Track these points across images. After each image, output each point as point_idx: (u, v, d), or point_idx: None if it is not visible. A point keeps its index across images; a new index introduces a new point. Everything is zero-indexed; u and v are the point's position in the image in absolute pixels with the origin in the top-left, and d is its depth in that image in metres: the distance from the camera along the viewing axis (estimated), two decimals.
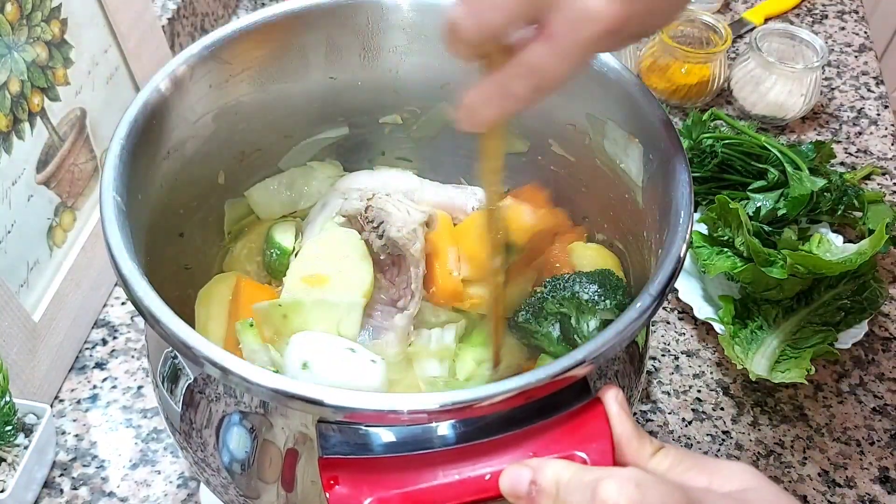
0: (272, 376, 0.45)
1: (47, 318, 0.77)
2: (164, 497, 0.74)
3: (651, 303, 0.49)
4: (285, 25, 0.65)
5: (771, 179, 0.94)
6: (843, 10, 1.33)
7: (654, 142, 0.59)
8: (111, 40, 0.86)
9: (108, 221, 0.51)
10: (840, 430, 0.82)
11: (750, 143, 0.97)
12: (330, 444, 0.47)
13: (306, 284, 0.64)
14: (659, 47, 1.11)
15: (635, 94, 0.61)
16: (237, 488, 0.56)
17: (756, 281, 0.85)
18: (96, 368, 0.83)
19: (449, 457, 0.47)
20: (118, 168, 0.54)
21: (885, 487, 0.78)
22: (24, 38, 0.74)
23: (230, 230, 0.73)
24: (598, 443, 0.47)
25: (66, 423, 0.79)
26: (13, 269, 0.74)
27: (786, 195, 0.92)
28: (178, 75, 0.60)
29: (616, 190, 0.66)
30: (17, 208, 0.74)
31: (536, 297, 0.65)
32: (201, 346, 0.46)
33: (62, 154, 0.79)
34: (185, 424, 0.56)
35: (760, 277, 0.84)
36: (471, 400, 0.44)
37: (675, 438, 0.80)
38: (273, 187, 0.74)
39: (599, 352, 0.47)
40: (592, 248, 0.71)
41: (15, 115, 0.73)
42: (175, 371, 0.56)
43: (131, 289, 0.48)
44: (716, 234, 0.89)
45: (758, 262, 0.84)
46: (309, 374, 0.57)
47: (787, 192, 0.92)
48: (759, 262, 0.84)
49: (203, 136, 0.65)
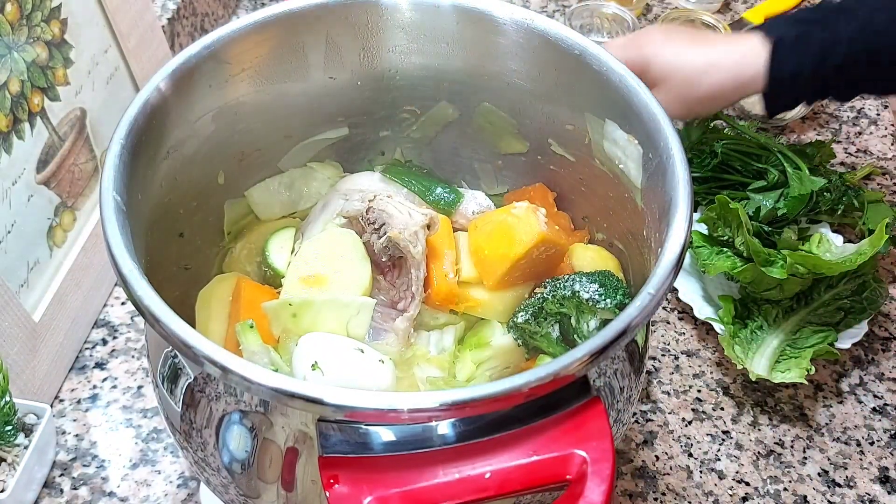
0: (272, 375, 0.45)
1: (47, 318, 0.77)
2: (164, 497, 0.74)
3: (650, 301, 0.49)
4: (285, 25, 0.65)
5: (771, 179, 0.94)
6: None
7: (654, 142, 0.59)
8: (111, 40, 0.86)
9: (109, 221, 0.51)
10: (840, 430, 0.82)
11: (750, 142, 0.97)
12: (330, 442, 0.47)
13: (305, 284, 0.64)
14: None
15: (635, 94, 0.61)
16: (237, 488, 0.56)
17: (756, 281, 0.85)
18: (96, 368, 0.83)
19: (449, 455, 0.47)
20: (118, 168, 0.54)
21: (884, 487, 0.78)
22: (24, 38, 0.74)
23: (230, 230, 0.73)
24: (598, 441, 0.47)
25: (67, 423, 0.79)
26: (13, 270, 0.74)
27: (786, 195, 0.92)
28: (177, 75, 0.60)
29: (616, 190, 0.66)
30: (18, 208, 0.74)
31: (536, 298, 0.65)
32: (201, 345, 0.46)
33: (62, 154, 0.79)
34: (185, 424, 0.56)
35: (760, 277, 0.84)
36: (471, 399, 0.44)
37: (675, 438, 0.80)
38: (273, 188, 0.74)
39: (599, 350, 0.47)
40: (592, 249, 0.71)
41: (15, 115, 0.73)
42: (175, 371, 0.56)
43: (131, 288, 0.48)
44: (715, 234, 0.89)
45: (758, 262, 0.84)
46: (318, 375, 0.57)
47: (787, 192, 0.92)
48: (758, 261, 0.84)
49: (203, 135, 0.65)
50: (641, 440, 0.80)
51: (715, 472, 0.78)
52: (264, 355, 0.61)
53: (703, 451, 0.80)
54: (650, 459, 0.79)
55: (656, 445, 0.80)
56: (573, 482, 0.47)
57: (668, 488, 0.77)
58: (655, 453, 0.79)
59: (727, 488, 0.77)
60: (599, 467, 0.46)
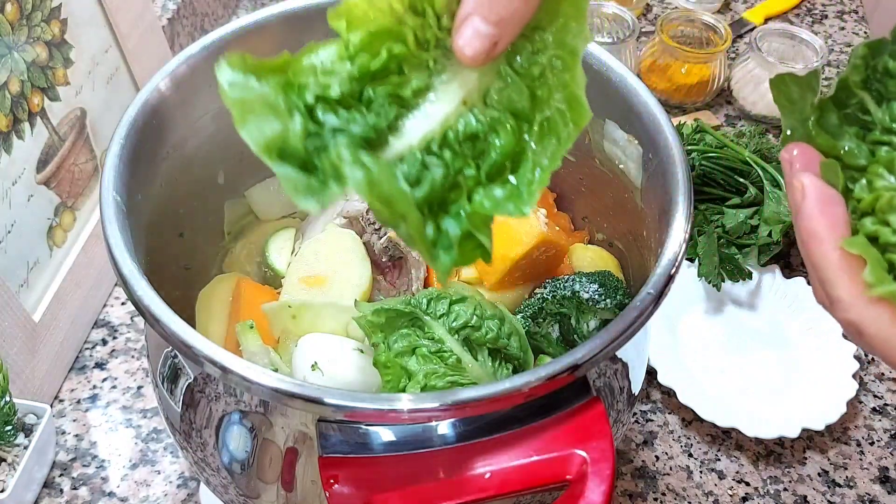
0: (272, 375, 0.45)
1: (47, 318, 0.77)
2: (163, 497, 0.74)
3: (651, 301, 0.49)
4: (285, 25, 0.65)
5: (746, 198, 0.92)
6: (843, 10, 1.33)
7: (654, 142, 0.59)
8: (111, 40, 0.86)
9: (109, 221, 0.51)
10: (840, 430, 0.82)
11: (734, 157, 0.94)
12: (330, 443, 0.47)
13: (305, 285, 0.64)
14: (659, 47, 1.11)
15: (635, 94, 0.61)
16: (237, 488, 0.56)
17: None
18: (96, 368, 0.83)
19: (449, 456, 0.47)
20: (118, 168, 0.54)
21: (885, 487, 0.78)
22: (24, 38, 0.74)
23: (230, 230, 0.73)
24: (598, 441, 0.47)
25: (66, 423, 0.79)
26: (13, 269, 0.74)
27: (760, 213, 0.90)
28: (177, 75, 0.60)
29: (615, 190, 0.66)
30: (18, 208, 0.74)
31: (536, 298, 0.65)
32: (201, 345, 0.46)
33: (62, 154, 0.79)
34: (185, 424, 0.56)
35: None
36: (471, 399, 0.44)
37: (676, 439, 0.80)
38: (273, 188, 0.74)
39: (600, 350, 0.47)
40: (592, 249, 0.70)
41: (15, 115, 0.73)
42: (175, 371, 0.56)
43: (131, 288, 0.48)
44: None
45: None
46: (318, 375, 0.57)
47: (762, 211, 0.90)
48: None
49: (203, 135, 0.65)
50: (641, 440, 0.80)
51: (715, 471, 0.78)
52: (264, 356, 0.61)
53: (702, 451, 0.80)
54: (650, 459, 0.79)
55: (656, 445, 0.80)
56: (573, 482, 0.47)
57: (668, 488, 0.77)
58: (655, 453, 0.79)
59: (727, 488, 0.77)
60: (599, 467, 0.46)
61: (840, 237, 0.40)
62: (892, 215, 0.39)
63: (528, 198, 0.41)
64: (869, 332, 0.39)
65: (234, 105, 0.38)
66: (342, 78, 0.39)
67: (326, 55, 0.40)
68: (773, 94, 0.44)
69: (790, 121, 0.44)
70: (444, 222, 0.40)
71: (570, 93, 0.41)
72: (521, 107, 0.42)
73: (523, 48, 0.42)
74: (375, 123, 0.39)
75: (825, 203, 0.40)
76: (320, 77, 0.39)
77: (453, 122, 0.41)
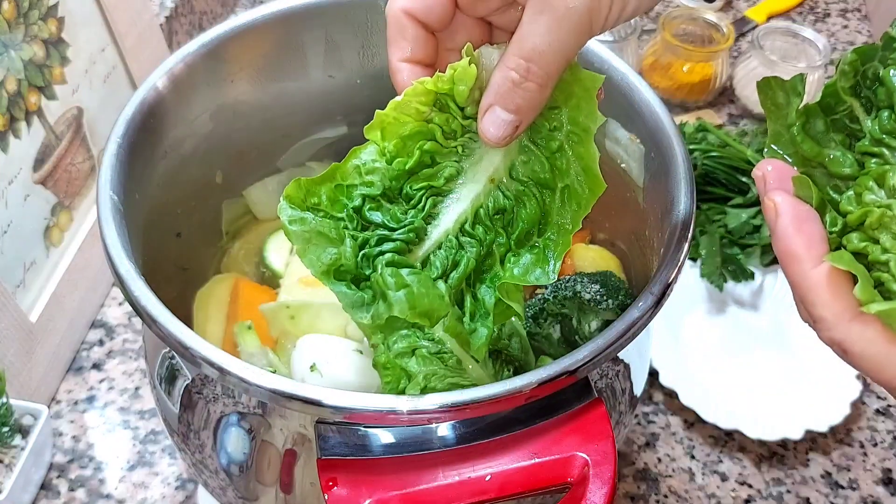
0: (270, 376, 0.45)
1: (44, 319, 0.77)
2: (161, 499, 0.74)
3: (653, 302, 0.49)
4: (284, 23, 0.65)
5: (748, 197, 0.92)
6: (846, 9, 1.32)
7: (656, 141, 0.59)
8: (109, 39, 0.86)
9: (105, 221, 0.51)
10: (843, 432, 0.81)
11: (736, 156, 0.94)
12: (329, 444, 0.47)
13: (304, 285, 0.64)
14: (661, 45, 1.11)
15: (637, 92, 0.60)
16: (235, 490, 0.56)
17: None
18: (93, 369, 0.83)
19: (449, 458, 0.46)
20: (115, 167, 0.54)
21: (888, 489, 0.78)
22: (20, 37, 0.73)
23: (228, 230, 0.73)
24: (599, 443, 0.47)
25: (63, 425, 0.78)
26: (10, 270, 0.74)
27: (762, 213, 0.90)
28: (175, 74, 0.60)
29: (617, 189, 0.66)
30: (14, 208, 0.74)
31: (537, 298, 0.65)
32: (199, 346, 0.46)
33: (59, 153, 0.79)
34: (183, 426, 0.56)
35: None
36: (471, 400, 0.44)
37: (678, 441, 0.80)
38: (271, 187, 0.73)
39: (602, 351, 0.47)
40: (594, 249, 0.70)
41: (11, 114, 0.73)
42: (172, 372, 0.55)
43: (128, 289, 0.48)
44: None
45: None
46: (317, 376, 0.57)
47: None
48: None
49: (201, 134, 0.64)
50: (643, 442, 0.80)
51: (717, 474, 0.78)
52: (262, 356, 0.61)
53: (705, 453, 0.79)
54: (652, 461, 0.78)
55: (658, 447, 0.79)
56: (574, 485, 0.46)
57: (670, 490, 0.77)
58: (657, 455, 0.79)
59: (729, 490, 0.77)
60: (601, 469, 0.46)
61: (818, 255, 0.39)
62: (883, 233, 0.39)
63: (554, 263, 0.46)
64: (854, 350, 0.39)
65: (295, 239, 0.43)
66: (383, 175, 0.44)
67: (367, 156, 0.44)
68: (760, 98, 0.44)
69: (775, 125, 0.43)
70: (479, 291, 0.46)
71: (586, 165, 0.46)
72: (543, 177, 0.46)
73: (542, 125, 0.46)
74: (413, 224, 0.44)
75: (800, 220, 0.40)
76: (364, 176, 0.44)
77: (483, 200, 0.45)
